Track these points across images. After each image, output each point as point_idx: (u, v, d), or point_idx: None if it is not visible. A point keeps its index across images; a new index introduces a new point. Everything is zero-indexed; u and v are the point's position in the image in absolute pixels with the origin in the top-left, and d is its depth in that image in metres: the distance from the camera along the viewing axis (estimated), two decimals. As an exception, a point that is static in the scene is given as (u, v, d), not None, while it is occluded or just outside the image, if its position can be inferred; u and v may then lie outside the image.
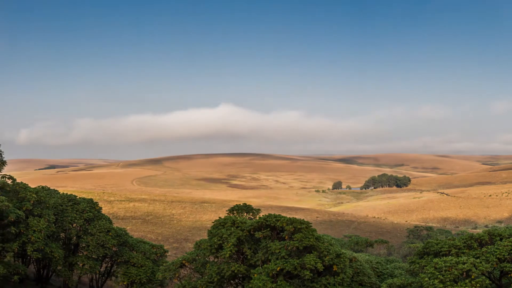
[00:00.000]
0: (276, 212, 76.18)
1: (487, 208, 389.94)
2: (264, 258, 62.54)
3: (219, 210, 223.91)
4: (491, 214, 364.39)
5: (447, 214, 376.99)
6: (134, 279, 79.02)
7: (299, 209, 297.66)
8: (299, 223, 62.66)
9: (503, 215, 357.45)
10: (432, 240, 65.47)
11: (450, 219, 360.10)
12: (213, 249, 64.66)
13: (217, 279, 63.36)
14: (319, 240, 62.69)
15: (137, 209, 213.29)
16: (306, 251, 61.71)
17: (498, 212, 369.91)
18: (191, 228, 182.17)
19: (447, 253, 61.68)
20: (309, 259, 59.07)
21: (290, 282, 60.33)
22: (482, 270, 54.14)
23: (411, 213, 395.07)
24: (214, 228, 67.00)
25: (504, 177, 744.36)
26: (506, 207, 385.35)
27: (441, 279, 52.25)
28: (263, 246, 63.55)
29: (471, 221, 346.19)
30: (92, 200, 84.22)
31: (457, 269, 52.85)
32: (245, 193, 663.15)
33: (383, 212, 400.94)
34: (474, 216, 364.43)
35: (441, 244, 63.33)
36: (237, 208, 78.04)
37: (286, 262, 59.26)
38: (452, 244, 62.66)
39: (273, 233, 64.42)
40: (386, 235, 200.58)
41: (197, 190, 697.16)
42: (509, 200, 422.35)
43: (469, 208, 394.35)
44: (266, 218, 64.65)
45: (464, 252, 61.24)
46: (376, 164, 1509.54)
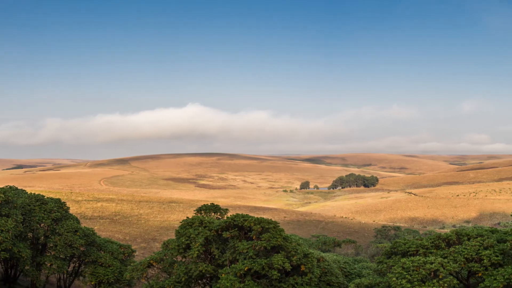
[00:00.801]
0: (244, 212, 76.38)
1: (455, 208, 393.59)
2: (232, 258, 62.67)
3: (187, 210, 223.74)
4: (459, 214, 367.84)
5: (414, 214, 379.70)
6: (102, 279, 78.78)
7: (267, 209, 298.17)
8: (266, 223, 62.81)
9: (470, 215, 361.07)
10: (400, 240, 65.98)
11: (418, 219, 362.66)
12: (181, 249, 64.80)
13: (185, 279, 63.44)
14: (287, 240, 62.88)
15: (105, 209, 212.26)
16: (274, 251, 61.89)
17: (465, 212, 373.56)
18: (158, 228, 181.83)
19: (415, 253, 62.18)
20: (276, 259, 59.13)
21: (258, 282, 60.48)
22: (449, 270, 54.67)
23: (379, 213, 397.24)
24: (181, 228, 67.06)
25: (472, 177, 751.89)
26: (473, 207, 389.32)
27: (408, 279, 52.63)
28: (231, 246, 63.67)
29: (439, 221, 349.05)
30: (60, 200, 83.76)
31: (424, 269, 53.28)
32: (213, 193, 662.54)
33: (351, 212, 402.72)
34: (442, 216, 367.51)
35: (409, 244, 63.85)
36: (205, 208, 78.07)
37: (254, 262, 59.33)
38: (420, 244, 63.19)
39: (241, 233, 64.49)
40: (354, 235, 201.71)
41: (165, 190, 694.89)
42: (477, 200, 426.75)
43: (436, 208, 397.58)
44: (234, 218, 64.67)
45: (431, 252, 61.78)
46: (344, 164, 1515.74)
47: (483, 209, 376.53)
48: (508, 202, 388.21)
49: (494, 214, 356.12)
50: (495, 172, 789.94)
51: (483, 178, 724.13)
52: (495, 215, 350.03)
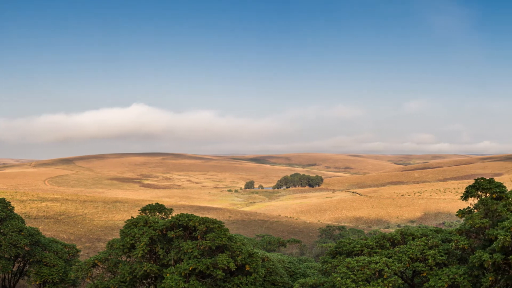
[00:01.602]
0: (189, 212, 76.31)
1: (400, 207, 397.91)
2: (177, 258, 62.82)
3: (132, 210, 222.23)
4: (404, 214, 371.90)
5: (359, 214, 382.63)
6: (47, 278, 77.87)
7: (212, 208, 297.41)
8: (211, 223, 63.16)
9: (415, 214, 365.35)
10: (345, 240, 66.37)
11: (363, 218, 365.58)
12: (126, 248, 64.71)
13: (130, 278, 63.58)
14: (231, 240, 63.23)
15: (50, 209, 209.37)
16: (218, 250, 62.30)
17: (410, 211, 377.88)
18: (103, 228, 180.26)
19: (360, 252, 62.63)
20: (221, 259, 59.47)
21: (203, 281, 60.71)
22: (394, 269, 55.24)
23: (324, 212, 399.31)
24: (126, 228, 66.96)
25: (417, 177, 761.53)
26: (418, 206, 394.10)
27: (353, 278, 53.00)
28: (176, 245, 63.81)
29: (384, 221, 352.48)
30: (4, 200, 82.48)
31: (369, 269, 53.70)
32: (158, 192, 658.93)
33: (296, 212, 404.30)
34: (387, 215, 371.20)
35: (354, 244, 64.28)
36: (150, 208, 77.96)
37: (199, 261, 59.56)
38: (365, 244, 63.70)
39: (186, 232, 64.77)
40: (299, 235, 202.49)
41: (110, 190, 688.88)
42: (422, 199, 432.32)
43: (381, 208, 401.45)
44: (179, 217, 64.98)
45: (376, 251, 62.31)
46: (288, 164, 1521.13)
47: (428, 208, 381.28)
48: (453, 201, 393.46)
49: (439, 213, 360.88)
50: (439, 171, 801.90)
51: (428, 178, 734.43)
52: (440, 215, 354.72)
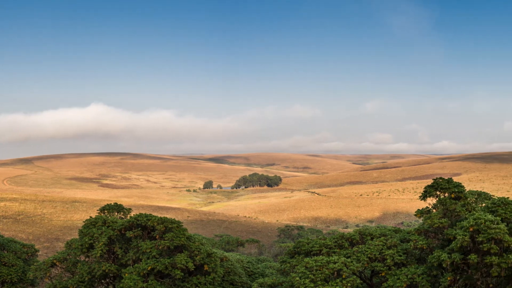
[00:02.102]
0: (147, 212, 76.31)
1: (358, 207, 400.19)
2: (135, 258, 62.81)
3: (90, 210, 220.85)
4: (362, 214, 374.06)
5: (318, 214, 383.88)
6: (5, 278, 76.93)
7: (170, 208, 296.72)
8: (170, 223, 63.16)
9: (374, 214, 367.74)
10: (303, 240, 66.52)
11: (321, 218, 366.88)
12: (84, 248, 64.71)
13: (88, 278, 63.41)
14: (190, 240, 63.17)
15: (8, 209, 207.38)
16: (177, 250, 62.29)
17: (369, 211, 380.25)
18: (62, 228, 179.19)
19: (318, 252, 62.81)
20: (180, 259, 59.55)
21: (161, 281, 60.77)
22: (353, 269, 55.48)
23: (282, 212, 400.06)
24: (85, 228, 66.88)
25: (375, 177, 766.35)
26: (377, 206, 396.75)
27: (312, 278, 53.08)
28: (134, 245, 63.74)
29: (342, 221, 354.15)
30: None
31: (328, 269, 53.82)
32: (116, 192, 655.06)
33: (254, 212, 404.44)
34: (345, 215, 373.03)
35: (312, 244, 64.43)
36: (108, 208, 77.52)
37: (157, 261, 59.60)
38: (323, 244, 63.89)
39: (144, 232, 64.67)
40: (257, 235, 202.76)
41: (68, 190, 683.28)
42: (380, 199, 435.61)
43: (340, 208, 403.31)
44: (137, 217, 64.88)
45: (335, 251, 62.53)
46: (247, 164, 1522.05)
47: (386, 208, 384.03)
48: (412, 201, 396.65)
49: (397, 213, 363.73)
50: (398, 171, 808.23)
51: (387, 178, 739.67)
52: (399, 215, 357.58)
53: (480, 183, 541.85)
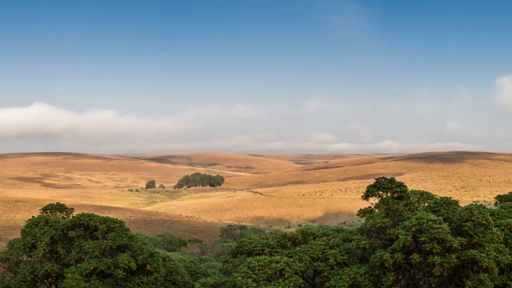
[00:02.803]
0: (90, 211, 75.81)
1: (301, 207, 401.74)
2: (78, 257, 62.52)
3: (33, 209, 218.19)
4: (305, 213, 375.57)
5: (260, 213, 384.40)
6: None
7: (113, 208, 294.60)
8: (112, 222, 63.03)
9: (316, 214, 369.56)
10: (246, 239, 66.44)
11: (264, 218, 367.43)
12: (27, 248, 64.22)
13: (31, 278, 62.83)
14: (132, 239, 62.99)
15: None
16: (119, 250, 62.15)
17: (311, 211, 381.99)
18: (4, 228, 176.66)
19: (261, 252, 62.78)
20: (122, 258, 59.42)
21: (104, 281, 60.34)
22: (295, 269, 55.54)
23: (225, 212, 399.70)
24: (27, 227, 66.39)
25: (317, 176, 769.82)
26: (319, 206, 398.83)
27: (254, 278, 53.00)
28: (77, 245, 63.48)
29: (285, 220, 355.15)
30: None
31: (270, 268, 53.80)
32: (59, 192, 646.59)
33: (197, 211, 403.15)
34: (288, 215, 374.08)
35: (255, 243, 64.38)
36: (51, 207, 76.86)
37: (100, 261, 59.31)
38: (266, 243, 63.88)
39: (87, 232, 64.36)
40: (200, 234, 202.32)
41: (11, 189, 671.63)
42: (322, 199, 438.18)
43: (282, 207, 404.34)
44: (80, 217, 64.59)
45: (277, 251, 62.56)
46: (189, 163, 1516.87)
47: (328, 208, 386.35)
48: (354, 201, 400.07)
49: (339, 213, 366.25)
50: (340, 171, 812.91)
51: (329, 178, 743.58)
52: (341, 214, 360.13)
53: (422, 182, 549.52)
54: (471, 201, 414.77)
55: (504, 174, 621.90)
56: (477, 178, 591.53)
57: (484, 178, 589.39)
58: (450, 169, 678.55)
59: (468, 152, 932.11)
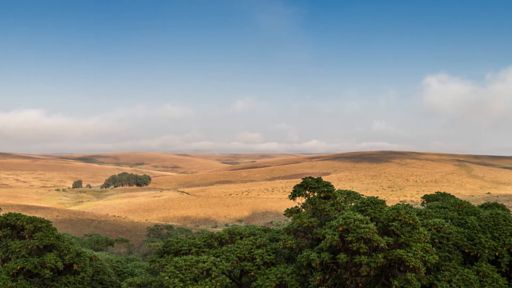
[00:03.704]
0: (17, 211, 74.53)
1: (228, 207, 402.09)
2: (5, 257, 61.65)
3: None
4: (232, 213, 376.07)
5: (187, 213, 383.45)
6: None
7: (40, 208, 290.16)
8: (39, 222, 62.17)
9: (243, 214, 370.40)
10: (172, 239, 66.04)
11: (191, 218, 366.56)
12: (-47, 248, 62.83)
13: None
14: (59, 239, 62.29)
15: None
16: (46, 250, 61.30)
17: (238, 211, 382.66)
18: None
19: (188, 252, 62.47)
20: (49, 258, 58.75)
21: (31, 281, 59.54)
22: (222, 268, 55.33)
23: (152, 212, 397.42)
24: (-47, 228, 64.56)
25: (244, 176, 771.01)
26: (246, 206, 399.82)
27: (181, 277, 52.69)
28: (4, 245, 62.56)
29: (212, 220, 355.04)
30: None
31: (197, 268, 53.55)
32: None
33: (124, 211, 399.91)
34: (215, 215, 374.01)
35: (182, 243, 64.01)
36: (-23, 207, 75.15)
37: (27, 261, 58.56)
38: (193, 243, 63.56)
39: (14, 232, 63.46)
40: (127, 234, 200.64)
41: None
42: (249, 199, 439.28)
43: (209, 207, 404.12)
44: (7, 217, 63.56)
45: (204, 251, 62.33)
46: (116, 163, 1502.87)
47: (255, 208, 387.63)
48: (281, 201, 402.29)
49: (266, 213, 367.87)
50: (267, 171, 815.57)
51: (256, 177, 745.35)
52: (268, 214, 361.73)
53: (349, 182, 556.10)
54: (398, 200, 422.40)
55: (431, 174, 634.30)
56: (404, 177, 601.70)
57: (411, 177, 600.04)
58: (377, 169, 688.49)
59: (395, 152, 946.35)
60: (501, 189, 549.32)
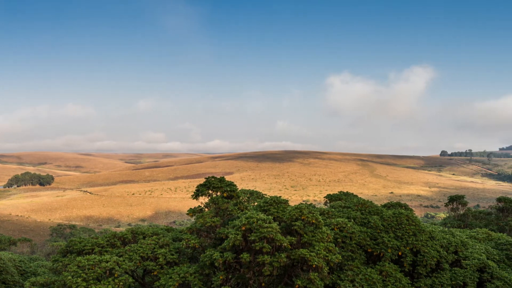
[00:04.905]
0: None
1: (131, 206, 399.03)
2: None
3: None
4: (135, 213, 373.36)
5: (90, 213, 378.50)
6: None
7: None
8: None
9: (146, 213, 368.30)
10: (75, 239, 64.90)
11: (94, 217, 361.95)
12: None
13: None
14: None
15: None
16: None
17: (141, 210, 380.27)
18: None
19: (91, 251, 61.53)
20: None
21: None
22: (125, 268, 54.75)
23: (55, 211, 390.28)
24: None
25: (148, 176, 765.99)
26: (149, 205, 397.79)
27: (84, 277, 51.93)
28: None
29: (115, 220, 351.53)
30: None
31: (100, 268, 52.88)
32: None
33: (27, 211, 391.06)
34: (118, 214, 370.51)
35: (85, 243, 63.02)
36: None
37: None
38: (96, 243, 62.65)
39: None
40: (30, 234, 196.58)
41: None
42: (153, 198, 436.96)
43: (112, 207, 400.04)
44: None
45: (107, 250, 61.54)
46: (19, 163, 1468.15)
47: (159, 207, 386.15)
48: (184, 200, 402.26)
49: (169, 212, 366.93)
50: (170, 170, 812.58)
51: (159, 177, 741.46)
52: (171, 214, 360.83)
53: (252, 182, 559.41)
54: (301, 200, 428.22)
55: (334, 173, 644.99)
56: (307, 177, 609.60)
57: (314, 177, 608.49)
58: (280, 169, 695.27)
59: (298, 152, 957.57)
60: (404, 189, 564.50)
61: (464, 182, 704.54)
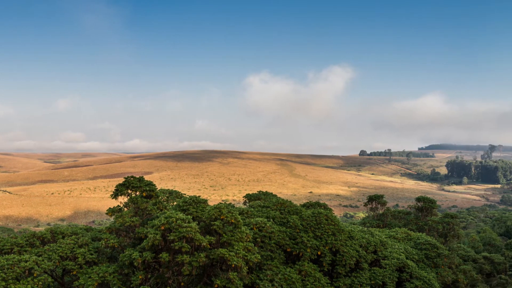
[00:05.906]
0: None
1: (50, 206, 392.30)
2: None
3: None
4: (54, 212, 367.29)
5: (9, 212, 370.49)
6: None
7: None
8: None
9: (65, 213, 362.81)
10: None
11: (13, 217, 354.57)
12: None
13: None
14: None
15: None
16: None
17: (60, 210, 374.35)
18: None
19: (10, 251, 60.65)
20: None
21: None
22: (44, 268, 54.18)
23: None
24: None
25: (66, 175, 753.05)
26: (68, 205, 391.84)
27: (3, 277, 51.20)
28: None
29: (34, 219, 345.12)
30: None
31: (19, 267, 52.21)
32: None
33: None
34: (37, 214, 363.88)
35: (4, 242, 62.07)
36: None
37: None
38: (15, 242, 61.77)
39: None
40: None
41: None
42: (72, 198, 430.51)
43: (31, 206, 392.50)
44: None
45: (26, 250, 60.73)
46: None
47: (78, 207, 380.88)
48: (103, 200, 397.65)
49: (89, 212, 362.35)
50: (90, 170, 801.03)
51: (78, 176, 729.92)
52: (90, 213, 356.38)
53: (171, 181, 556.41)
54: (220, 200, 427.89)
55: (253, 173, 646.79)
56: (226, 177, 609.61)
57: (233, 177, 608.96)
58: (199, 168, 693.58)
59: (217, 151, 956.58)
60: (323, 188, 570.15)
61: (383, 181, 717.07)
